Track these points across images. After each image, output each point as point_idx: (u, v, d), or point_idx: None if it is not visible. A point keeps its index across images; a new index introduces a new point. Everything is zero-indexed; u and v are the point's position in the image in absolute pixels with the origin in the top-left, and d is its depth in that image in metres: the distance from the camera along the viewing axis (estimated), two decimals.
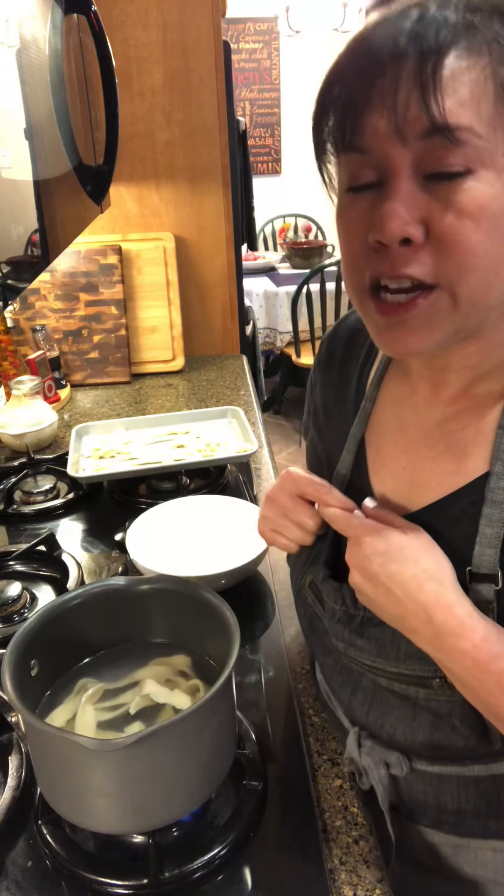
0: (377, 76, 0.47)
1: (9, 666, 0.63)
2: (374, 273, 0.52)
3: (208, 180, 1.90)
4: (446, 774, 0.67)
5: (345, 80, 0.50)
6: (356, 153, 0.50)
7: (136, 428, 1.47)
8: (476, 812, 0.68)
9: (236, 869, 0.65)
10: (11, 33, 0.68)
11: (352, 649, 0.67)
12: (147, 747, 0.58)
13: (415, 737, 0.65)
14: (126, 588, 0.76)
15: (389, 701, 0.66)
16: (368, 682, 0.68)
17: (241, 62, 4.88)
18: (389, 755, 0.68)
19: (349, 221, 0.53)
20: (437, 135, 0.46)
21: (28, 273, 0.74)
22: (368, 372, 0.72)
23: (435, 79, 0.45)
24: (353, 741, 0.71)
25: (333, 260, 3.19)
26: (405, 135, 0.47)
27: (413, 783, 0.69)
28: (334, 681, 0.73)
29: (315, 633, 0.74)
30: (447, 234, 0.48)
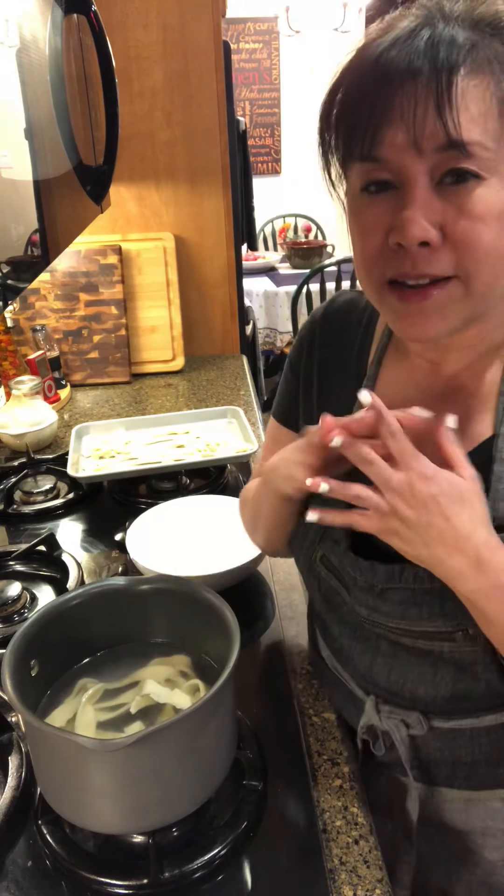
0: (395, 94, 0.51)
1: (9, 666, 0.63)
2: (396, 272, 0.57)
3: (208, 180, 1.90)
4: (461, 728, 0.70)
5: (358, 93, 0.54)
6: (373, 162, 0.55)
7: (136, 428, 1.47)
8: (488, 761, 0.71)
9: (236, 869, 0.65)
10: (11, 33, 0.68)
11: (376, 614, 0.69)
12: (147, 747, 0.58)
13: (437, 691, 0.68)
14: (126, 588, 0.76)
15: (411, 661, 0.69)
16: (388, 645, 0.70)
17: (241, 62, 4.87)
18: (409, 715, 0.71)
19: (367, 224, 0.58)
20: (452, 149, 0.51)
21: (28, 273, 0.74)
22: (368, 352, 0.75)
23: (450, 96, 0.50)
24: (371, 707, 0.74)
25: (333, 260, 3.18)
26: (422, 147, 0.52)
27: (430, 741, 0.72)
28: (353, 649, 0.74)
29: (331, 604, 0.76)
30: (462, 237, 0.54)
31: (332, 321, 0.79)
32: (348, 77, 0.56)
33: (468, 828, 0.76)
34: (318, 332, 0.80)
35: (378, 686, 0.73)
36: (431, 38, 0.51)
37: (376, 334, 0.75)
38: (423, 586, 0.64)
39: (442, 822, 0.77)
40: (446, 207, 0.53)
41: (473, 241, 0.54)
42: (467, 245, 0.54)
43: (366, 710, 0.75)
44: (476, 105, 0.51)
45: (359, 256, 0.60)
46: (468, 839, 0.76)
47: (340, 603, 0.74)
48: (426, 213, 0.53)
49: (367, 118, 0.53)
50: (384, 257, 0.57)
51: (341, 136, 0.57)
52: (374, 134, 0.53)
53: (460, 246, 0.54)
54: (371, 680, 0.74)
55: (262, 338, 3.61)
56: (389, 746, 0.74)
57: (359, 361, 0.75)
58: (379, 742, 0.75)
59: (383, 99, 0.52)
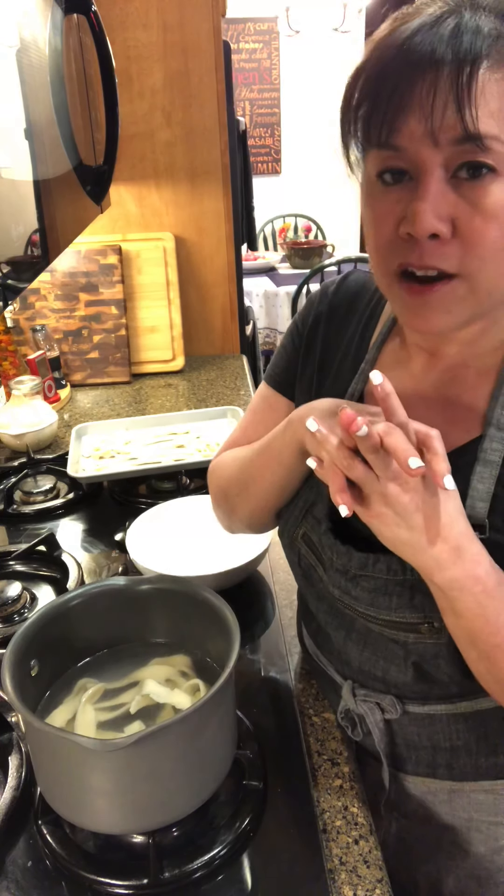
0: (416, 82, 0.51)
1: (9, 666, 0.63)
2: (404, 261, 0.57)
3: (208, 180, 1.90)
4: (437, 714, 0.71)
5: (379, 79, 0.54)
6: (389, 150, 0.55)
7: (136, 428, 1.47)
8: (467, 748, 0.72)
9: (236, 869, 0.65)
10: (11, 33, 0.68)
11: (347, 597, 0.70)
12: (147, 747, 0.58)
13: (406, 676, 0.69)
14: (126, 588, 0.76)
15: (381, 642, 0.70)
16: (361, 625, 0.71)
17: (241, 62, 4.87)
18: (383, 698, 0.72)
19: (380, 212, 0.58)
20: (469, 142, 0.51)
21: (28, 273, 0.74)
22: (370, 336, 0.75)
23: (470, 89, 0.50)
24: (347, 692, 0.75)
25: (333, 260, 3.19)
26: (438, 139, 0.52)
27: (406, 726, 0.73)
28: (329, 624, 0.75)
29: (309, 581, 0.77)
30: (473, 234, 0.54)
31: (341, 298, 0.79)
32: (371, 62, 0.55)
33: (454, 820, 0.77)
34: (326, 306, 0.80)
35: (352, 667, 0.74)
36: (457, 27, 0.50)
37: (381, 319, 0.76)
38: (396, 577, 0.65)
39: (427, 815, 0.77)
40: (459, 201, 0.53)
41: (481, 238, 0.54)
42: (475, 242, 0.54)
43: (343, 694, 0.76)
44: (496, 100, 0.50)
45: (371, 244, 0.60)
46: (455, 833, 0.77)
47: (317, 580, 0.75)
48: (439, 205, 0.53)
49: (386, 105, 0.53)
50: (394, 246, 0.57)
51: (361, 121, 0.56)
52: (391, 122, 0.53)
53: (468, 242, 0.54)
54: (345, 659, 0.75)
55: (262, 338, 3.61)
56: (367, 732, 0.75)
57: (360, 343, 0.76)
58: (357, 728, 0.76)
59: (403, 86, 0.52)
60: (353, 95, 0.57)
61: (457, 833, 0.77)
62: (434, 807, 0.77)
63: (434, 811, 0.77)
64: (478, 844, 0.76)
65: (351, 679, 0.76)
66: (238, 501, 0.83)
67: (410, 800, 0.78)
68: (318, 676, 0.84)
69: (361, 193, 0.61)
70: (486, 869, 0.77)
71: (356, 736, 0.77)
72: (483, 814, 0.75)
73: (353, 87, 0.57)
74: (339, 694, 0.78)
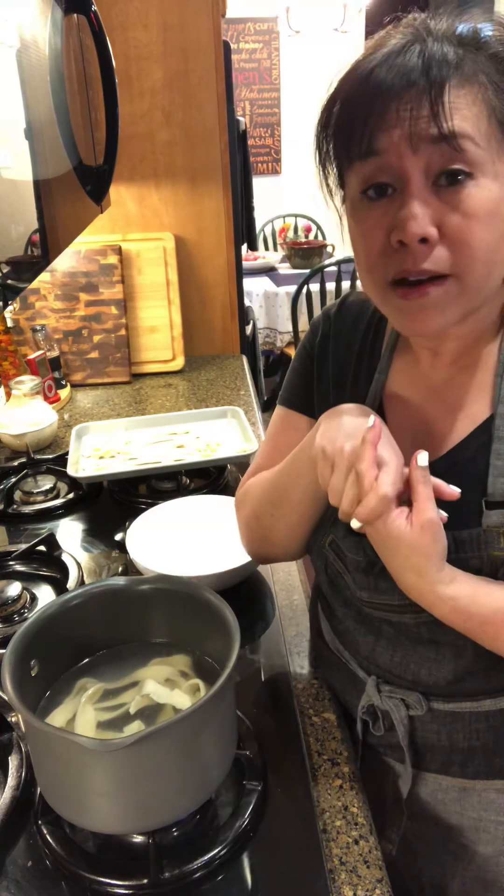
0: (391, 100, 0.55)
1: (9, 666, 0.63)
2: (398, 270, 0.59)
3: (208, 180, 1.90)
4: (460, 712, 0.72)
5: (353, 105, 0.58)
6: (372, 157, 0.57)
7: (136, 428, 1.47)
8: (484, 748, 0.73)
9: (236, 869, 0.65)
10: (11, 33, 0.68)
11: (376, 595, 0.71)
12: (147, 747, 0.58)
13: (439, 673, 0.71)
14: (126, 588, 0.76)
15: (412, 643, 0.71)
16: (389, 628, 0.73)
17: (241, 62, 4.87)
18: (410, 695, 0.73)
19: (366, 226, 0.61)
20: (444, 142, 0.54)
21: (28, 273, 0.74)
22: (379, 349, 0.78)
23: (442, 96, 0.54)
24: (372, 687, 0.76)
25: (333, 260, 3.18)
26: (416, 143, 0.55)
27: (428, 724, 0.74)
28: (357, 630, 0.77)
29: (336, 588, 0.78)
30: (457, 234, 0.57)
31: (347, 316, 0.81)
32: (343, 91, 0.59)
33: (462, 820, 0.77)
34: (331, 326, 0.82)
35: (380, 667, 0.75)
36: (423, 53, 0.55)
37: (387, 329, 0.78)
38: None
39: (435, 813, 0.78)
40: (442, 206, 0.56)
41: (467, 239, 0.57)
42: (461, 242, 0.57)
43: (367, 689, 0.76)
44: (467, 108, 0.55)
45: (362, 259, 0.63)
46: (462, 833, 0.77)
47: (344, 587, 0.76)
48: (424, 210, 0.56)
49: (364, 123, 0.57)
50: (386, 257, 0.60)
51: (339, 142, 0.60)
52: (372, 135, 0.57)
53: (455, 243, 0.57)
54: (373, 661, 0.76)
55: (262, 338, 3.61)
56: (388, 727, 0.76)
57: (371, 353, 0.78)
58: (378, 722, 0.77)
59: (379, 106, 0.56)
60: (329, 122, 0.61)
61: (464, 834, 0.77)
62: (443, 805, 0.77)
63: (443, 810, 0.77)
64: (485, 845, 0.77)
65: (376, 675, 0.76)
66: (273, 521, 0.80)
67: (420, 798, 0.78)
68: (336, 670, 0.84)
69: (347, 215, 0.64)
70: (493, 872, 0.77)
71: (377, 730, 0.77)
72: (492, 813, 0.75)
73: (328, 115, 0.61)
74: (359, 688, 0.78)
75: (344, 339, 0.81)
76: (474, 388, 0.69)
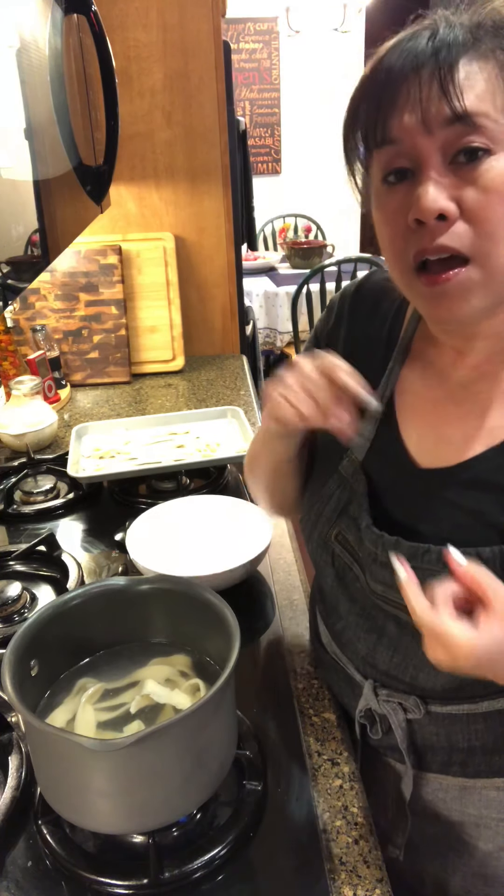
0: (401, 83, 0.55)
1: (9, 666, 0.63)
2: (417, 249, 0.58)
3: (208, 180, 1.90)
4: (458, 714, 0.71)
5: (368, 96, 0.58)
6: (389, 145, 0.57)
7: (136, 428, 1.47)
8: (484, 748, 0.73)
9: (236, 869, 0.65)
10: (11, 33, 0.68)
11: (391, 591, 0.70)
12: (147, 747, 0.58)
13: (438, 676, 0.69)
14: (126, 588, 0.76)
15: (414, 644, 0.70)
16: (393, 627, 0.72)
17: (241, 62, 4.87)
18: (407, 699, 0.73)
19: (388, 211, 0.60)
20: (459, 122, 0.54)
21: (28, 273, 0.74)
22: (397, 335, 0.76)
23: (452, 77, 0.53)
24: (369, 691, 0.76)
25: (333, 260, 3.18)
26: (430, 126, 0.55)
27: (426, 726, 0.73)
28: (359, 627, 0.76)
29: (343, 581, 0.77)
30: (477, 209, 0.56)
31: (365, 298, 0.80)
32: (361, 88, 0.59)
33: (463, 817, 0.77)
34: (348, 306, 0.81)
35: (378, 670, 0.74)
36: (433, 36, 0.54)
37: (406, 318, 0.76)
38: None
39: (436, 811, 0.78)
40: (460, 183, 0.55)
41: (488, 214, 0.55)
42: (482, 218, 0.56)
43: (364, 693, 0.76)
44: (481, 83, 0.54)
45: (386, 244, 0.62)
46: (463, 830, 0.77)
47: (353, 580, 0.75)
48: (441, 187, 0.55)
49: (377, 110, 0.57)
50: (407, 237, 0.59)
51: (360, 135, 0.60)
52: (385, 120, 0.56)
53: (475, 218, 0.56)
54: (372, 663, 0.75)
55: (262, 338, 3.61)
56: (386, 731, 0.75)
57: (387, 345, 0.76)
58: (376, 726, 0.76)
59: (391, 91, 0.55)
60: (353, 119, 0.61)
61: (465, 830, 0.77)
62: (444, 803, 0.77)
63: (444, 808, 0.77)
64: (486, 841, 0.77)
65: (373, 679, 0.76)
66: (251, 484, 0.92)
67: (421, 797, 0.78)
68: (333, 673, 0.84)
69: (373, 204, 0.63)
70: (494, 867, 0.77)
71: (374, 734, 0.77)
72: (493, 811, 0.76)
73: (353, 116, 0.61)
74: (356, 692, 0.78)
75: (360, 321, 0.79)
76: (497, 398, 0.66)
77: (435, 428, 0.70)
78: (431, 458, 0.69)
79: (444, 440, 0.68)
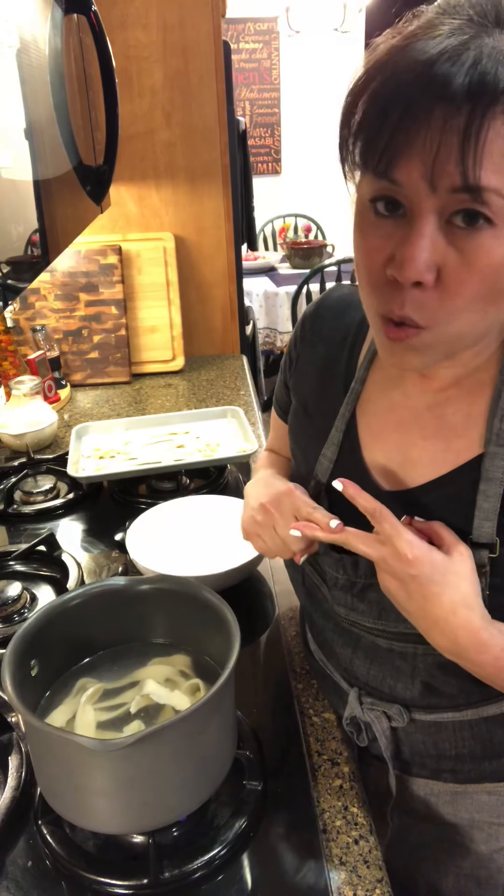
0: (423, 120, 0.47)
1: (9, 666, 0.63)
2: (385, 310, 0.56)
3: (208, 180, 1.90)
4: (443, 722, 0.71)
5: (388, 104, 0.49)
6: (386, 182, 0.51)
7: (136, 428, 1.47)
8: (472, 755, 0.72)
9: (236, 869, 0.65)
10: (11, 33, 0.68)
11: (353, 613, 0.70)
12: (147, 747, 0.58)
13: (414, 688, 0.70)
14: (126, 588, 0.76)
15: (389, 657, 0.70)
16: (368, 642, 0.72)
17: (241, 62, 4.87)
18: (390, 707, 0.73)
19: (369, 246, 0.55)
20: (467, 192, 0.48)
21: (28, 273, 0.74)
22: (358, 353, 0.75)
23: (478, 139, 0.46)
24: (354, 699, 0.76)
25: (333, 260, 3.18)
26: (436, 185, 0.49)
27: (412, 734, 0.73)
28: (335, 642, 0.76)
29: (313, 601, 0.78)
30: (456, 285, 0.52)
31: (325, 318, 0.79)
32: (382, 79, 0.50)
33: (456, 820, 0.77)
34: (308, 329, 0.80)
35: (359, 679, 0.75)
36: (476, 62, 0.46)
37: (367, 338, 0.75)
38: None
39: (429, 814, 0.78)
40: (448, 250, 0.51)
41: (462, 290, 0.52)
42: (455, 293, 0.52)
43: (349, 701, 0.76)
44: (500, 149, 0.47)
45: (361, 278, 0.59)
46: (456, 832, 0.77)
47: (322, 599, 0.76)
48: (428, 252, 0.51)
49: (389, 137, 0.49)
50: (380, 289, 0.55)
51: (359, 144, 0.53)
52: (391, 157, 0.50)
53: (449, 292, 0.52)
54: (352, 673, 0.76)
55: (262, 338, 3.61)
56: (372, 738, 0.76)
57: (349, 361, 0.75)
58: (363, 734, 0.76)
59: (409, 121, 0.48)
60: (355, 111, 0.52)
61: (458, 832, 0.77)
62: (437, 807, 0.77)
63: (436, 811, 0.77)
64: (479, 843, 0.77)
65: (357, 687, 0.76)
66: None
67: (413, 799, 0.78)
68: (323, 679, 0.84)
69: (354, 212, 0.58)
70: (487, 869, 0.77)
71: (361, 742, 0.77)
72: (485, 814, 0.76)
73: (358, 97, 0.52)
74: (343, 699, 0.78)
75: (324, 341, 0.78)
76: (461, 420, 0.65)
77: (401, 450, 0.68)
78: (396, 481, 0.68)
79: (409, 462, 0.67)
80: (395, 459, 0.68)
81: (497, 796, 0.74)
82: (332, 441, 0.73)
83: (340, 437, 0.73)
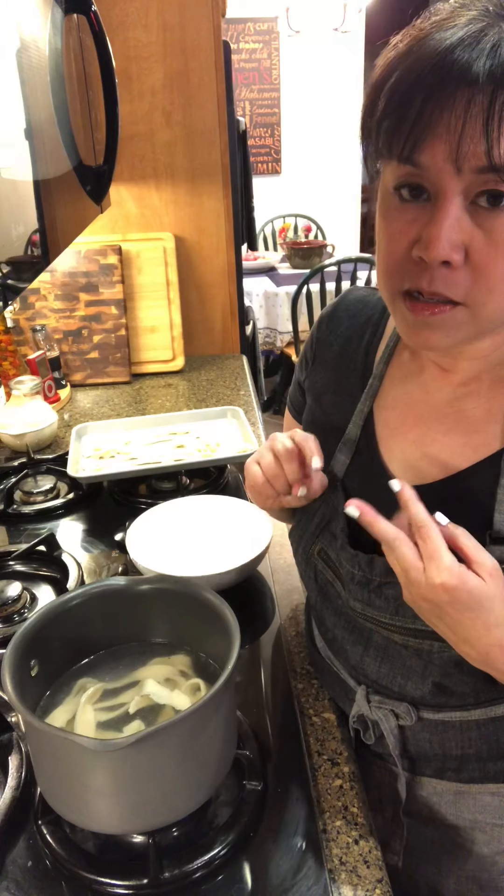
0: (447, 104, 0.48)
1: (9, 666, 0.63)
2: (413, 285, 0.56)
3: (208, 180, 1.90)
4: (450, 721, 0.71)
5: (411, 91, 0.50)
6: (410, 166, 0.52)
7: (136, 428, 1.47)
8: (478, 755, 0.72)
9: (236, 869, 0.65)
10: (11, 33, 0.68)
11: (370, 609, 0.70)
12: (147, 747, 0.58)
13: (425, 686, 0.69)
14: (126, 588, 0.76)
15: (401, 654, 0.70)
16: (381, 638, 0.71)
17: (241, 62, 4.87)
18: (398, 706, 0.72)
19: (394, 230, 0.56)
20: (492, 172, 0.49)
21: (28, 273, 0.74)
22: (375, 350, 0.75)
23: (501, 123, 0.47)
24: (362, 697, 0.75)
25: (333, 260, 3.18)
26: (462, 166, 0.50)
27: (419, 733, 0.73)
28: (345, 640, 0.76)
29: (326, 597, 0.77)
30: (485, 264, 0.53)
31: (341, 319, 0.80)
32: (403, 69, 0.51)
33: (458, 822, 0.77)
34: (325, 329, 0.81)
35: (368, 677, 0.75)
36: (496, 47, 0.47)
37: (386, 332, 0.75)
38: None
39: (431, 815, 0.78)
40: (474, 230, 0.52)
41: (493, 269, 0.53)
42: (486, 272, 0.53)
43: (356, 699, 0.76)
44: None
45: (381, 261, 0.59)
46: (458, 834, 0.77)
47: (335, 596, 0.75)
48: (454, 233, 0.52)
49: (413, 121, 0.50)
50: (405, 268, 0.56)
51: (383, 131, 0.53)
52: (416, 139, 0.51)
53: (479, 271, 0.53)
54: (361, 671, 0.75)
55: (262, 338, 3.61)
56: (379, 736, 0.75)
57: (365, 358, 0.76)
58: (369, 732, 0.76)
59: (433, 106, 0.49)
60: (377, 102, 0.53)
61: (460, 833, 0.77)
62: (439, 807, 0.77)
63: (438, 811, 0.77)
64: (481, 845, 0.76)
65: (365, 685, 0.76)
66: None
67: (415, 799, 0.78)
68: (328, 677, 0.84)
69: (378, 202, 0.59)
70: (488, 871, 0.77)
71: (367, 739, 0.77)
72: (488, 816, 0.75)
73: (379, 90, 0.53)
74: (350, 697, 0.78)
75: (340, 340, 0.79)
76: (481, 415, 0.65)
77: (419, 445, 0.68)
78: (414, 476, 0.68)
79: (428, 458, 0.67)
80: (414, 455, 0.69)
81: (500, 797, 0.74)
82: (351, 434, 0.74)
83: (358, 432, 0.73)
